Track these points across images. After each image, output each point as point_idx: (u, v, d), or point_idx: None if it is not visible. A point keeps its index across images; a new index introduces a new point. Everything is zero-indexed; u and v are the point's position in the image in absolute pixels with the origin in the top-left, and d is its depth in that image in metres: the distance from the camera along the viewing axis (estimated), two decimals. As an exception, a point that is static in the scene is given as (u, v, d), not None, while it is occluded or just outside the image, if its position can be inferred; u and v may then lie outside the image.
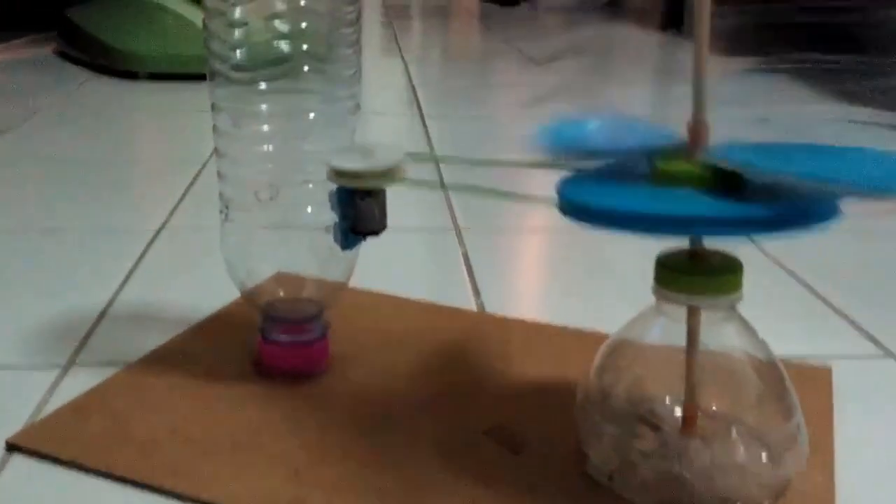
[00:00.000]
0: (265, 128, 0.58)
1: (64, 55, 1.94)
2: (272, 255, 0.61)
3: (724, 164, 0.44)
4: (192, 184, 1.06)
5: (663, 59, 2.21)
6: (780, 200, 0.42)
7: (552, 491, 0.50)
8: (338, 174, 0.52)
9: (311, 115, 0.58)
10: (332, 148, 0.55)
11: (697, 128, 0.46)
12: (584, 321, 0.69)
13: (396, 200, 0.54)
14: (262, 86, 0.57)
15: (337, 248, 0.55)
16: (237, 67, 0.57)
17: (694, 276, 0.47)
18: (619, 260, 0.86)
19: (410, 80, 1.77)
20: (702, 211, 0.43)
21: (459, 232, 0.92)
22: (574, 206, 0.45)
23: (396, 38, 2.37)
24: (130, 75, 1.71)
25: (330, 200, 0.54)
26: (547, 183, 0.47)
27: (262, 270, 0.60)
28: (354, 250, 0.60)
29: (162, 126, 1.41)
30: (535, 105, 1.49)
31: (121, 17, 1.82)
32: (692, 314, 0.48)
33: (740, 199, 0.43)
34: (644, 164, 0.47)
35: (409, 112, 1.49)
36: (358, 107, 0.60)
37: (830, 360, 0.64)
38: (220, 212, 0.59)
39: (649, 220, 0.43)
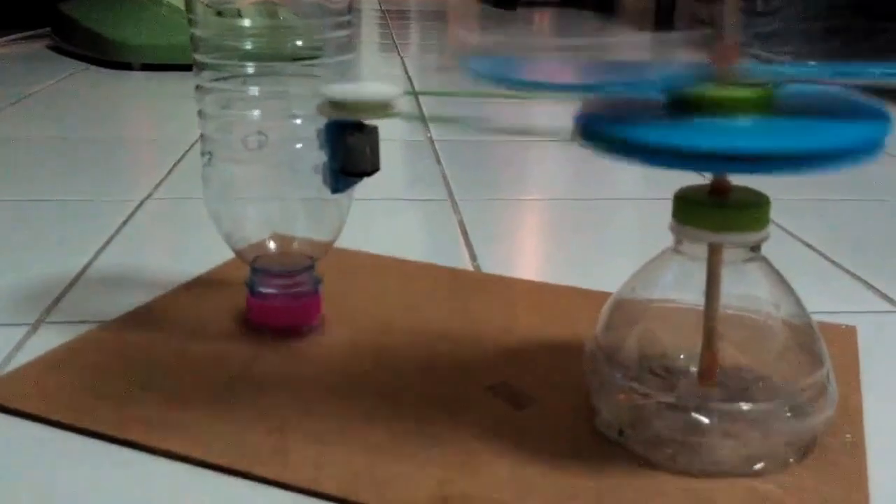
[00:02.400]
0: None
1: (58, 49, 1.91)
2: (260, 205, 0.57)
3: (768, 82, 0.40)
4: (180, 160, 1.02)
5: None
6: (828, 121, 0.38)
7: (558, 445, 0.46)
8: (329, 105, 0.48)
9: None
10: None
11: (726, 50, 0.42)
12: (585, 284, 0.65)
13: (390, 174, 0.50)
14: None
15: (327, 193, 0.52)
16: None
17: (718, 209, 0.43)
18: (618, 225, 0.84)
19: (407, 73, 1.74)
20: (773, 145, 0.38)
21: (455, 202, 0.88)
22: (627, 144, 0.40)
23: (393, 37, 2.33)
24: (124, 66, 1.68)
25: (318, 138, 0.50)
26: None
27: (247, 216, 0.56)
28: (346, 201, 0.56)
29: (153, 112, 1.38)
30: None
31: (114, 9, 1.78)
32: (714, 253, 0.44)
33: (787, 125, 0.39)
34: (657, 96, 0.42)
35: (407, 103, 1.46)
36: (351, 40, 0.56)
37: (845, 316, 0.61)
38: (203, 155, 0.55)
39: (688, 155, 0.38)
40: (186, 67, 0.54)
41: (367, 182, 0.51)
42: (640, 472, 0.43)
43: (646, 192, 0.94)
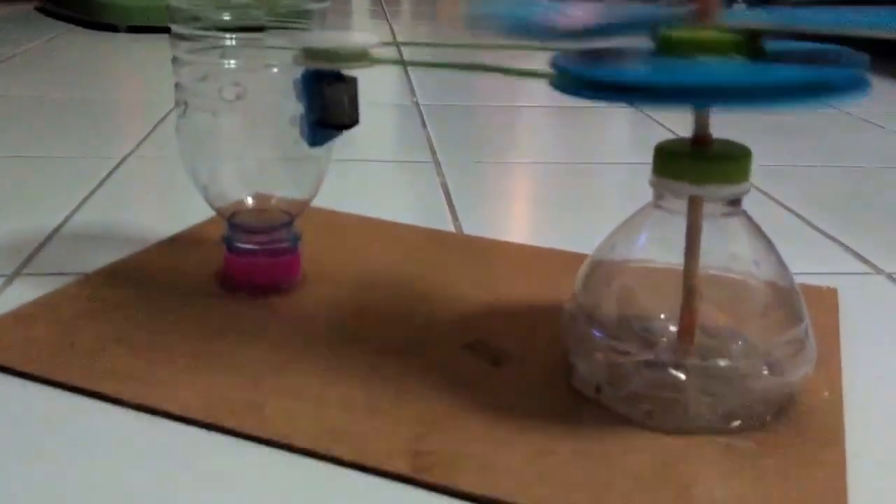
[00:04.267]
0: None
1: (45, 11, 1.89)
2: (236, 160, 0.56)
3: (742, 26, 0.39)
4: (162, 120, 1.01)
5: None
6: (802, 65, 0.38)
7: (534, 402, 0.45)
8: (306, 54, 0.47)
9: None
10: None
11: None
12: (568, 248, 0.65)
13: (375, 136, 0.49)
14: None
15: (305, 147, 0.51)
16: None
17: (697, 161, 0.43)
18: (601, 187, 0.84)
19: (396, 42, 1.73)
20: (722, 79, 0.37)
21: (439, 164, 0.87)
22: (586, 81, 0.39)
23: (383, 4, 2.32)
24: (110, 28, 1.67)
25: (295, 89, 0.49)
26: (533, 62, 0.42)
27: (223, 170, 0.55)
28: (325, 157, 0.55)
29: (137, 73, 1.36)
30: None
31: (101, -30, 1.77)
32: (694, 207, 0.43)
33: (760, 66, 0.38)
34: (646, 41, 0.42)
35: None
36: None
37: (825, 278, 0.61)
38: (177, 105, 0.54)
39: (664, 91, 0.37)
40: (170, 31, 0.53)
41: (351, 143, 0.51)
42: (616, 429, 0.43)
43: (631, 157, 0.94)
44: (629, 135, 1.05)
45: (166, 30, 0.53)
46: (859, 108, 1.18)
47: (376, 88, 1.23)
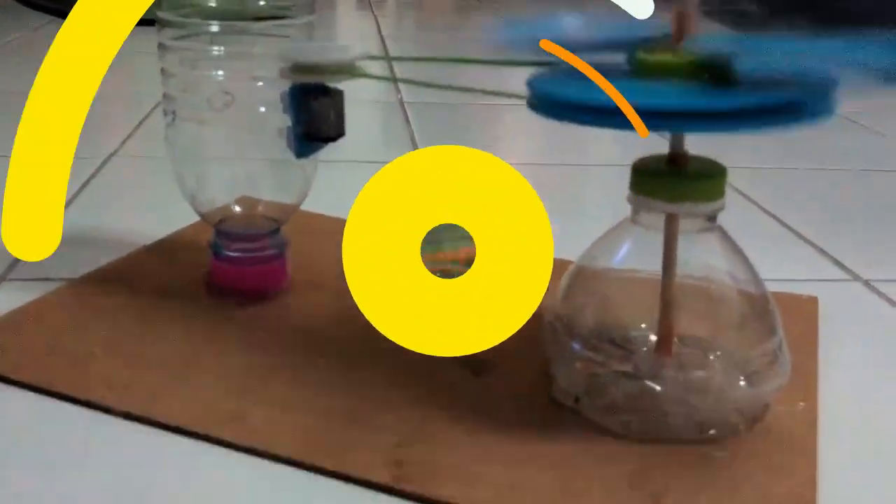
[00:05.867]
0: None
1: (27, 2, 1.88)
2: (224, 168, 0.56)
3: (710, 53, 0.40)
4: (146, 117, 1.01)
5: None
6: (770, 91, 0.38)
7: (513, 412, 0.46)
8: (292, 68, 0.48)
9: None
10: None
11: (681, 16, 0.42)
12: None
13: (358, 135, 0.50)
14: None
15: (292, 156, 0.51)
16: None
17: (673, 180, 0.43)
18: (586, 190, 0.85)
19: (379, 30, 1.73)
20: (686, 103, 0.39)
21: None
22: (550, 100, 0.40)
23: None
24: (92, 19, 1.66)
25: (282, 102, 0.50)
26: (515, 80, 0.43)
27: (211, 178, 0.56)
28: (311, 164, 0.56)
29: (119, 67, 1.36)
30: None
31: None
32: (670, 224, 0.44)
33: (727, 91, 0.39)
34: (624, 60, 0.43)
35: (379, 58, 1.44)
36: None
37: (803, 284, 0.63)
38: (166, 114, 0.55)
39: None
40: (154, 23, 0.54)
41: (335, 143, 0.51)
42: (593, 439, 0.44)
43: (616, 159, 0.94)
44: (614, 136, 1.05)
45: (150, 22, 0.53)
46: (844, 108, 1.19)
47: (360, 85, 1.23)
